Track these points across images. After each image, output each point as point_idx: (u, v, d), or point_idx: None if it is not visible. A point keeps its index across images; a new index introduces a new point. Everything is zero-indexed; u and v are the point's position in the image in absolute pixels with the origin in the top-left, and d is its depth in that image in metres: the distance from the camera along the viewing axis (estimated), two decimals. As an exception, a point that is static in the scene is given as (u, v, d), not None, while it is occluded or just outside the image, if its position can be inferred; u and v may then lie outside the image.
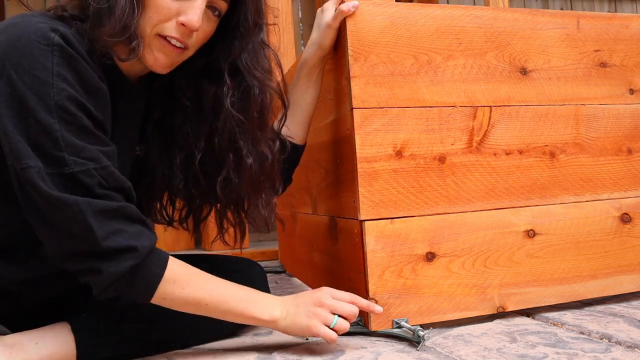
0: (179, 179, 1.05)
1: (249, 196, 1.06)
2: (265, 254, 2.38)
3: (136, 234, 0.83)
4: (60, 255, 0.83)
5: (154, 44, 0.89)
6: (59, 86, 0.78)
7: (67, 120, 0.78)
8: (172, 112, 1.04)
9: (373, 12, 1.07)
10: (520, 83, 1.17)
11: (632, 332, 0.98)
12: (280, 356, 0.95)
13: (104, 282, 0.82)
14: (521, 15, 1.18)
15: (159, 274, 0.85)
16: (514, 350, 0.91)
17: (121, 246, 0.81)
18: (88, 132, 0.81)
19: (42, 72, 0.77)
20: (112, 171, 0.82)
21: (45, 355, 0.89)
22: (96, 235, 0.79)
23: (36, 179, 0.77)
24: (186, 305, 0.89)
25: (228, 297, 0.91)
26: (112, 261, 0.80)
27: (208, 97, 1.00)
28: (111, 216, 0.81)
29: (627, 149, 1.24)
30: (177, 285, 0.87)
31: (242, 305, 0.92)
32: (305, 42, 3.36)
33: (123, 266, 0.81)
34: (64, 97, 0.78)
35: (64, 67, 0.79)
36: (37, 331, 0.91)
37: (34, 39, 0.78)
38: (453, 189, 1.10)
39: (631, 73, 1.26)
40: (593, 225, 1.20)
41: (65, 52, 0.79)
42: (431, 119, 1.10)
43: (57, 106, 0.77)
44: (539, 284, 1.14)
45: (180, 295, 0.87)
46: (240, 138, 1.01)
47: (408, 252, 1.06)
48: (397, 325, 1.03)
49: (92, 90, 0.82)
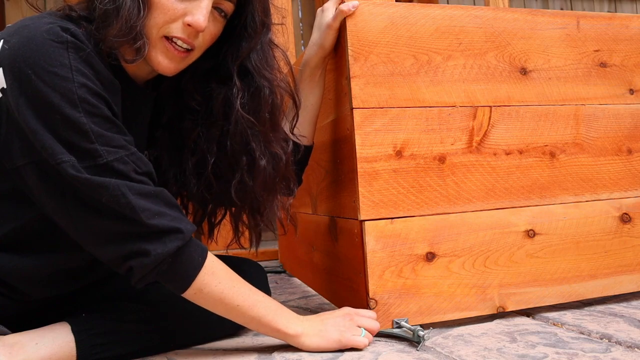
0: (192, 183, 1.06)
1: (264, 198, 1.05)
2: (265, 254, 2.38)
3: (177, 217, 0.84)
4: (102, 240, 0.83)
5: (159, 47, 0.89)
6: (79, 80, 0.79)
7: (92, 112, 0.80)
8: (181, 116, 1.04)
9: (373, 12, 1.07)
10: (520, 83, 1.17)
11: (632, 332, 0.98)
12: (280, 356, 0.95)
13: (150, 264, 0.82)
14: (521, 15, 1.18)
15: (200, 261, 0.86)
16: (514, 350, 0.91)
17: (167, 227, 0.82)
18: (111, 122, 0.83)
19: (60, 69, 0.78)
20: (140, 156, 0.85)
21: (45, 355, 0.89)
22: (141, 215, 0.80)
23: (73, 172, 0.78)
24: (219, 302, 0.89)
25: (259, 304, 0.91)
26: (158, 241, 0.82)
27: (218, 100, 1.00)
28: (152, 199, 0.82)
29: (627, 149, 1.24)
30: (215, 277, 0.87)
31: (270, 315, 0.92)
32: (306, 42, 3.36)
33: (169, 247, 0.82)
34: (86, 91, 0.79)
35: (80, 62, 0.80)
36: (37, 331, 0.91)
37: (47, 38, 0.79)
38: (453, 189, 1.10)
39: (631, 73, 1.26)
40: (593, 225, 1.20)
41: (79, 48, 0.80)
42: (431, 119, 1.10)
43: (80, 99, 0.79)
44: (539, 284, 1.14)
45: (215, 290, 0.88)
46: (253, 140, 1.00)
47: (408, 252, 1.06)
48: (397, 325, 1.03)
49: (108, 84, 0.84)
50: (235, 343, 1.06)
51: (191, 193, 1.07)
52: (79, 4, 0.89)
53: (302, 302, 1.43)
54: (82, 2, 0.90)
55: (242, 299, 0.90)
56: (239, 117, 0.98)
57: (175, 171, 1.06)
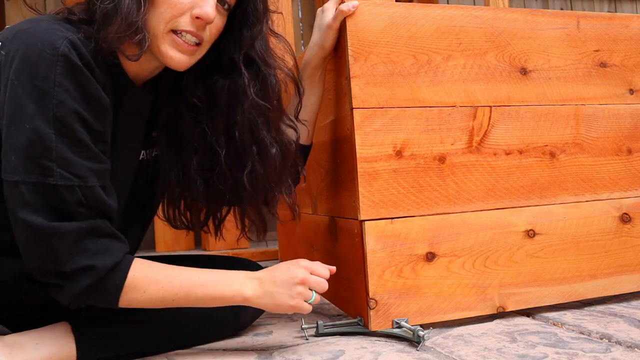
0: (198, 182, 1.05)
1: (276, 185, 1.05)
2: (265, 254, 2.38)
3: (99, 251, 0.83)
4: (29, 267, 0.83)
5: (168, 41, 0.89)
6: (60, 98, 0.78)
7: (63, 133, 0.79)
8: (180, 115, 1.03)
9: (373, 12, 1.07)
10: (520, 83, 1.17)
11: (632, 332, 0.98)
12: (280, 356, 0.95)
13: (66, 298, 0.84)
14: (521, 15, 1.18)
15: (118, 285, 0.85)
16: (514, 350, 0.91)
17: (81, 266, 0.81)
18: (83, 146, 0.81)
19: (43, 82, 0.78)
20: (96, 192, 0.82)
21: (45, 355, 0.89)
22: (60, 258, 0.80)
23: (13, 194, 0.78)
24: (152, 304, 0.89)
25: (194, 289, 0.90)
26: (72, 280, 0.81)
27: (223, 92, 0.99)
28: (77, 236, 0.81)
29: (627, 149, 1.24)
30: (137, 290, 0.87)
31: (211, 292, 0.91)
32: (306, 42, 3.36)
33: (81, 285, 0.81)
34: (63, 109, 0.79)
35: (66, 78, 0.79)
36: (37, 331, 0.91)
37: (41, 48, 0.78)
38: (453, 189, 1.10)
39: (631, 73, 1.26)
40: (593, 225, 1.20)
41: (69, 63, 0.79)
42: (431, 119, 1.10)
43: (55, 118, 0.78)
44: (539, 284, 1.14)
45: (143, 298, 0.87)
46: (262, 128, 1.00)
47: (408, 252, 1.06)
48: (397, 325, 1.03)
49: (94, 102, 0.82)
50: (235, 343, 1.06)
51: (198, 192, 1.06)
52: (78, 5, 0.89)
53: (302, 302, 1.43)
54: (82, 3, 0.89)
55: (175, 293, 0.89)
56: (252, 105, 0.97)
57: (177, 172, 1.06)
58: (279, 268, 0.96)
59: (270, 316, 1.27)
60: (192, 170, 1.04)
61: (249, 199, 1.06)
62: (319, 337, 1.06)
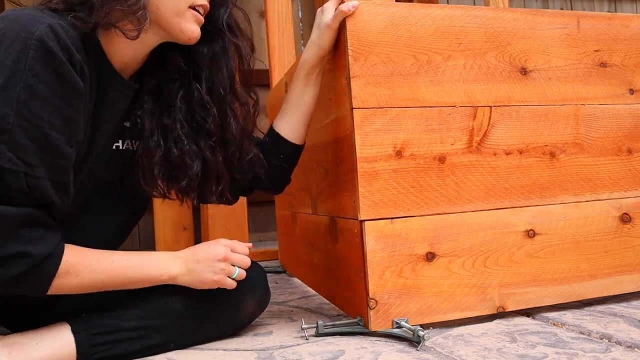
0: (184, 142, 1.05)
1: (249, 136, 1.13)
2: (265, 254, 2.38)
3: (35, 239, 0.82)
4: None
5: (188, 17, 0.97)
6: (28, 82, 0.78)
7: (24, 118, 0.78)
8: (167, 78, 1.07)
9: (373, 12, 1.07)
10: (520, 83, 1.17)
11: (632, 332, 0.98)
12: (280, 356, 0.95)
13: None
14: (521, 15, 1.18)
15: (52, 272, 0.85)
16: (514, 350, 0.91)
17: (14, 252, 0.80)
18: (43, 135, 0.80)
19: (14, 64, 0.78)
20: (42, 184, 0.81)
21: (45, 355, 0.89)
22: None
23: None
24: (83, 289, 0.90)
25: (124, 270, 0.93)
26: (2, 266, 0.80)
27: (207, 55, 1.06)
28: (13, 222, 0.80)
29: (627, 149, 1.24)
30: (70, 275, 0.87)
31: (139, 273, 0.95)
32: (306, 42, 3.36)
33: (12, 272, 0.80)
34: (30, 93, 0.78)
35: (38, 62, 0.79)
36: (37, 331, 0.91)
37: (17, 32, 0.79)
38: (453, 189, 1.10)
39: (631, 73, 1.26)
40: (593, 225, 1.20)
41: (43, 47, 0.79)
42: (431, 119, 1.10)
43: (19, 101, 0.78)
44: (539, 284, 1.14)
45: (73, 283, 0.88)
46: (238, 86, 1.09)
47: (408, 252, 1.06)
48: (397, 325, 1.03)
49: (67, 86, 0.82)
50: (235, 343, 1.06)
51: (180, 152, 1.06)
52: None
53: (302, 302, 1.43)
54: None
55: (106, 276, 0.91)
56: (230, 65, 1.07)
57: (158, 135, 1.06)
58: (200, 247, 1.02)
59: (270, 316, 1.27)
60: (176, 131, 1.05)
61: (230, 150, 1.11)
62: (319, 337, 1.06)
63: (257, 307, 1.13)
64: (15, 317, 1.01)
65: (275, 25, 2.10)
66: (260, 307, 1.15)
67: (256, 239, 3.14)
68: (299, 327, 1.13)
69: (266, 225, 3.21)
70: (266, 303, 1.16)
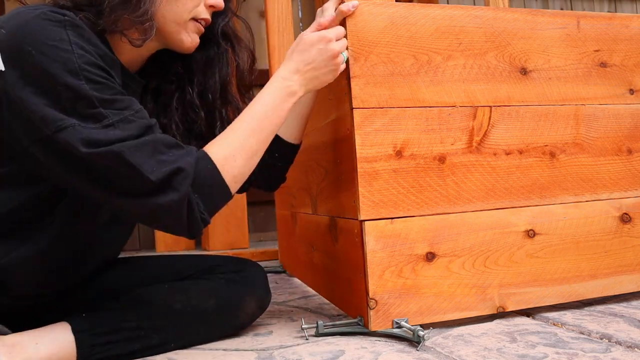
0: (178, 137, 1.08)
1: None
2: (265, 254, 2.38)
3: (175, 156, 0.85)
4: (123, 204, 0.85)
5: (190, 28, 1.00)
6: (79, 52, 0.82)
7: (93, 80, 0.82)
8: (166, 79, 1.10)
9: (373, 12, 1.07)
10: (520, 83, 1.17)
11: (632, 332, 0.98)
12: (280, 356, 0.95)
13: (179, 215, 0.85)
14: (521, 15, 1.18)
15: (212, 169, 0.88)
16: (514, 350, 0.91)
17: (170, 171, 0.83)
18: (113, 87, 0.84)
19: (60, 42, 0.81)
20: (144, 116, 0.87)
21: (45, 355, 0.89)
22: (142, 170, 0.81)
23: (70, 139, 0.79)
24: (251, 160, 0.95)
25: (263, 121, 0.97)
26: (169, 190, 0.83)
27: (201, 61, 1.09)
28: (149, 149, 0.83)
29: (627, 149, 1.24)
30: (228, 160, 0.91)
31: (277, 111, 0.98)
32: (305, 42, 3.36)
33: (183, 190, 0.84)
34: (85, 62, 0.82)
35: (79, 38, 0.83)
36: (37, 331, 0.91)
37: (44, 19, 0.82)
38: (453, 189, 1.10)
39: (631, 73, 1.26)
40: (593, 225, 1.20)
41: (76, 26, 0.83)
42: (431, 119, 1.10)
43: (81, 69, 0.81)
44: (539, 284, 1.14)
45: (239, 164, 0.92)
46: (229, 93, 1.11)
47: (408, 252, 1.06)
48: (397, 325, 1.03)
49: (108, 60, 0.87)
50: (235, 343, 1.06)
51: None
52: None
53: (302, 302, 1.43)
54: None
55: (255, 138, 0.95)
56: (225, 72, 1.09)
57: None
58: (310, 51, 1.01)
59: (270, 316, 1.27)
60: (172, 132, 1.08)
61: None
62: (319, 337, 1.06)
63: (258, 307, 1.13)
64: (15, 317, 1.01)
65: (275, 25, 2.10)
66: (261, 307, 1.15)
67: (256, 239, 3.13)
68: (299, 327, 1.13)
69: (266, 225, 3.21)
70: (267, 303, 1.16)
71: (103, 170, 0.82)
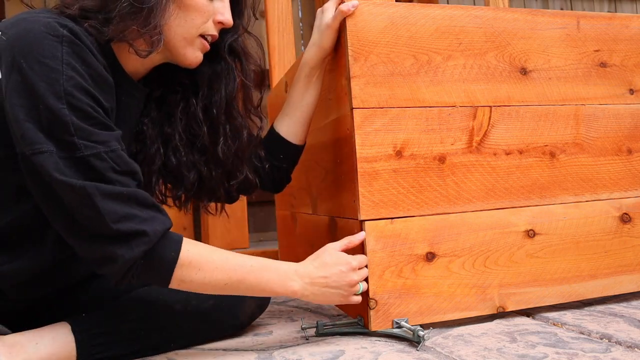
0: (181, 152, 1.07)
1: (240, 160, 1.12)
2: (265, 254, 2.37)
3: (148, 218, 0.83)
4: (75, 241, 0.83)
5: (197, 44, 0.99)
6: (68, 74, 0.80)
7: (75, 106, 0.80)
8: (170, 88, 1.09)
9: (373, 12, 1.07)
10: (520, 83, 1.17)
11: (632, 332, 0.98)
12: (280, 356, 0.95)
13: (120, 270, 0.82)
14: (521, 15, 1.18)
15: (173, 257, 0.85)
16: (514, 350, 0.91)
17: (132, 230, 0.81)
18: (94, 117, 0.83)
19: (51, 60, 0.80)
20: (121, 154, 0.84)
21: (45, 355, 0.89)
22: (106, 218, 0.79)
23: (46, 163, 0.78)
24: (205, 287, 0.90)
25: (248, 276, 0.92)
26: (124, 246, 0.81)
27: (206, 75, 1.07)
28: (122, 201, 0.81)
29: (627, 149, 1.24)
30: (192, 267, 0.87)
31: (261, 283, 0.93)
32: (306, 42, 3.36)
33: (136, 252, 0.81)
34: (72, 85, 0.80)
35: (72, 57, 0.81)
36: (37, 331, 0.91)
37: (44, 31, 0.81)
38: (453, 189, 1.10)
39: (631, 73, 1.26)
40: (593, 225, 1.20)
41: (74, 43, 0.82)
42: (431, 119, 1.10)
43: (65, 92, 0.80)
44: (539, 284, 1.14)
45: (196, 278, 0.88)
46: (234, 109, 1.09)
47: (408, 252, 1.06)
48: (397, 325, 1.03)
49: (100, 81, 0.85)
50: (235, 343, 1.06)
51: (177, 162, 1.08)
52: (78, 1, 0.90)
53: (302, 302, 1.43)
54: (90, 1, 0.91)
55: (229, 277, 0.90)
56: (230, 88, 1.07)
57: (158, 145, 1.07)
58: (331, 268, 0.98)
59: (270, 316, 1.27)
60: (175, 141, 1.07)
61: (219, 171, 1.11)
62: (319, 337, 1.06)
63: (257, 307, 1.13)
64: (15, 317, 1.01)
65: (275, 25, 2.10)
66: (261, 307, 1.15)
67: (256, 239, 3.13)
68: (299, 327, 1.13)
69: (266, 225, 3.21)
70: (266, 303, 1.17)
71: (68, 202, 0.80)
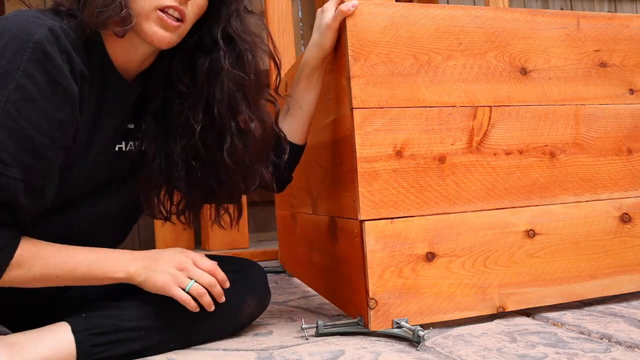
0: (180, 167, 1.05)
1: (255, 161, 1.07)
2: (265, 254, 2.38)
3: None
4: None
5: (152, 18, 0.91)
6: (20, 82, 0.80)
7: (10, 117, 0.79)
8: (169, 103, 1.05)
9: (373, 12, 1.07)
10: (520, 83, 1.17)
11: (632, 332, 0.98)
12: (280, 356, 0.95)
13: None
14: (521, 15, 1.18)
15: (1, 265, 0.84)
16: (514, 350, 0.91)
17: None
18: (26, 136, 0.81)
19: (8, 64, 0.79)
20: (10, 185, 0.81)
21: (45, 355, 0.89)
22: None
23: None
24: (34, 282, 0.89)
25: (78, 265, 0.91)
26: None
27: (203, 69, 1.02)
28: None
29: (627, 149, 1.24)
30: (21, 268, 0.87)
31: (95, 269, 0.92)
32: (306, 42, 3.36)
33: None
34: (20, 94, 0.79)
35: (32, 64, 0.80)
36: (37, 331, 0.91)
37: (15, 33, 0.80)
38: (453, 189, 1.10)
39: (631, 73, 1.26)
40: (593, 225, 1.20)
41: (40, 50, 0.80)
42: (431, 119, 1.10)
43: (8, 100, 0.79)
44: (539, 284, 1.14)
45: (26, 276, 0.88)
46: (241, 103, 1.03)
47: (408, 252, 1.06)
48: (397, 325, 1.03)
49: (59, 90, 0.83)
50: (235, 343, 1.06)
51: (179, 177, 1.06)
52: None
53: (302, 302, 1.43)
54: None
55: (59, 270, 0.90)
56: (228, 77, 1.01)
57: (160, 161, 1.06)
58: (165, 251, 0.99)
59: (270, 316, 1.27)
60: (175, 156, 1.05)
61: (228, 180, 1.07)
62: (319, 337, 1.06)
63: (257, 307, 1.13)
64: (15, 317, 1.01)
65: (275, 25, 2.10)
66: (261, 307, 1.15)
67: (256, 239, 3.13)
68: (299, 327, 1.13)
69: (266, 225, 3.21)
70: (266, 303, 1.16)
71: None
